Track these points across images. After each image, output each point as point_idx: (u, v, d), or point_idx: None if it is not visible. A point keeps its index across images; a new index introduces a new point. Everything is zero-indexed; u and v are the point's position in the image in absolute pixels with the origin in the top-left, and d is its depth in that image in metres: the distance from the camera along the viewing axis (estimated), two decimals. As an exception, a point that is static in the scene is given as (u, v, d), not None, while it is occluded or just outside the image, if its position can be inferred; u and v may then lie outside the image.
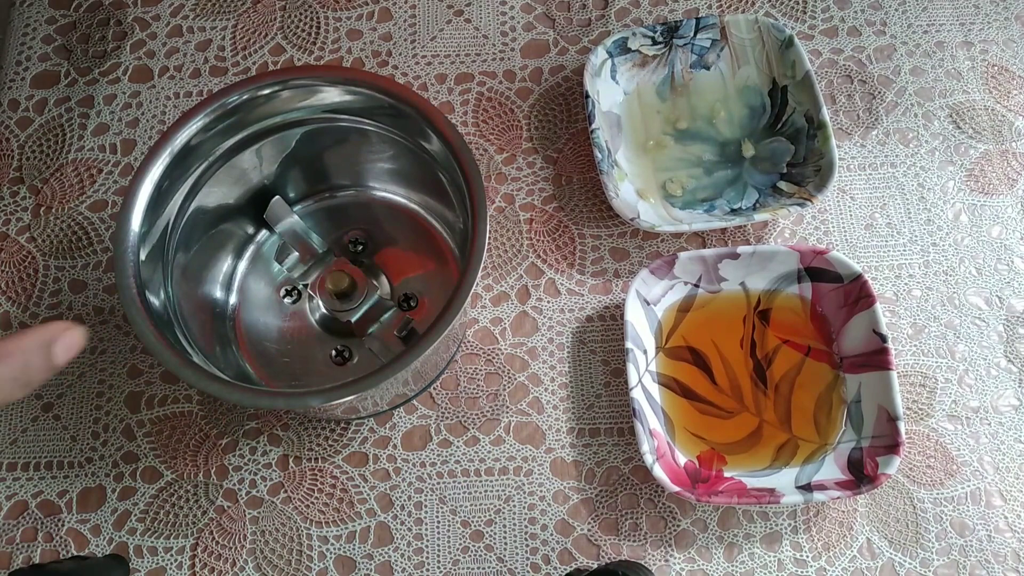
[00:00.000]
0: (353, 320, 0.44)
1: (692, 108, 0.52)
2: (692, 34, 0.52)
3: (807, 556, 0.44)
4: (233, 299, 0.48)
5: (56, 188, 0.53)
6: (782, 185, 0.49)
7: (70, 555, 0.45)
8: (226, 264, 0.48)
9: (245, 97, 0.41)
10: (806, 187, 0.48)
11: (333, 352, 0.47)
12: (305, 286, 0.47)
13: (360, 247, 0.49)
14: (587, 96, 0.50)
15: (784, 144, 0.51)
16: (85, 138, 0.54)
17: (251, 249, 0.49)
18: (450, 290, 0.37)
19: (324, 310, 0.46)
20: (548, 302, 0.49)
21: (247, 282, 0.48)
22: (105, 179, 0.53)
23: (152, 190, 0.39)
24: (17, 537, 0.45)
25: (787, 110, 0.51)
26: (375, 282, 0.47)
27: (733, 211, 0.49)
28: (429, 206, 0.49)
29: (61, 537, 0.45)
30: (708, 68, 0.53)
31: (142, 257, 0.38)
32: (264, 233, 0.49)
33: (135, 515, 0.45)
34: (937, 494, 0.45)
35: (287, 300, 0.48)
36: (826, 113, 0.49)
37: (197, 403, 0.47)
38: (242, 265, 0.48)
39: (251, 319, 0.47)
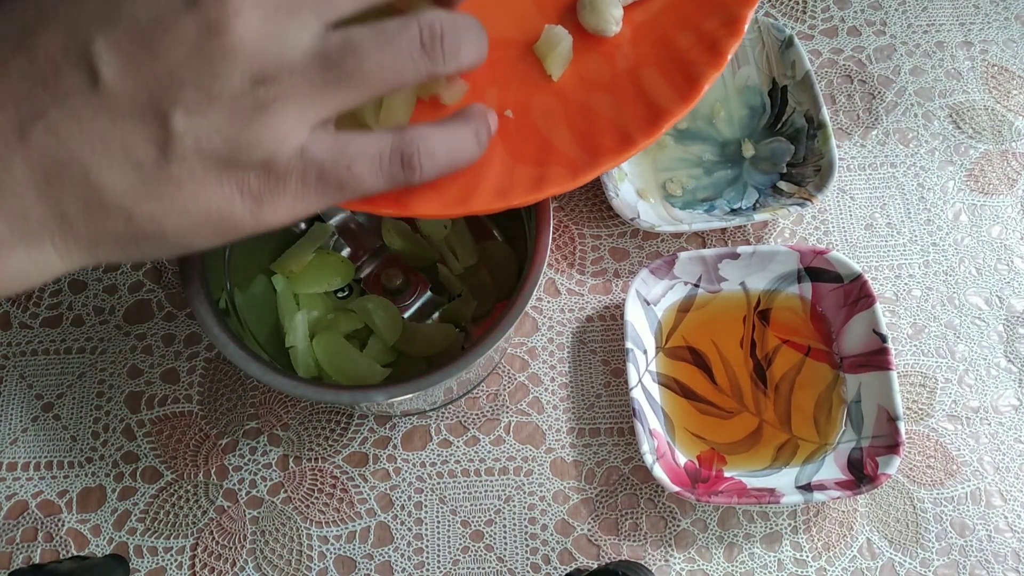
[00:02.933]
0: (405, 317, 0.45)
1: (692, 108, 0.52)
2: (692, 34, 0.52)
3: (807, 556, 0.44)
4: None
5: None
6: (782, 185, 0.49)
7: (70, 555, 0.45)
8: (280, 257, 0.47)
9: None
10: (806, 187, 0.48)
11: None
12: (358, 282, 0.47)
13: None
14: (587, 96, 0.50)
15: (784, 144, 0.51)
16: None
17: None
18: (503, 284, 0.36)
19: None
20: (548, 302, 0.49)
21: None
22: (105, 179, 0.53)
23: None
24: (17, 537, 0.45)
25: (787, 110, 0.51)
26: (427, 279, 0.46)
27: (733, 211, 0.49)
28: None
29: (61, 537, 0.45)
30: (708, 68, 0.53)
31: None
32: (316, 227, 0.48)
33: (135, 515, 0.45)
34: (937, 494, 0.45)
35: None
36: (826, 113, 0.49)
37: (197, 403, 0.47)
38: None
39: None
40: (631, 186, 0.50)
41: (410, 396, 0.35)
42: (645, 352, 0.46)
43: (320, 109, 0.25)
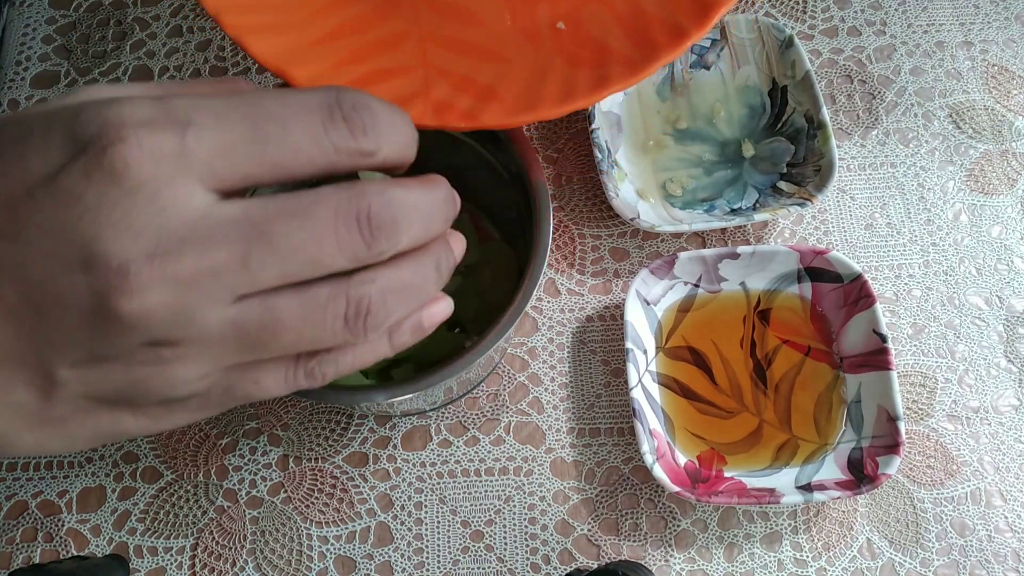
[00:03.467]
0: None
1: (692, 108, 0.53)
2: (692, 34, 0.52)
3: (807, 556, 0.44)
4: None
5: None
6: (782, 185, 0.49)
7: (70, 555, 0.45)
8: None
9: None
10: (806, 187, 0.48)
11: None
12: None
13: None
14: (587, 96, 0.50)
15: (784, 144, 0.51)
16: (85, 138, 0.54)
17: None
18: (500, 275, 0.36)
19: None
20: (548, 302, 0.49)
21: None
22: (105, 179, 0.53)
23: None
24: (17, 537, 0.45)
25: (787, 110, 0.51)
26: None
27: (733, 211, 0.49)
28: (473, 199, 0.49)
29: (61, 537, 0.45)
30: (708, 68, 0.53)
31: None
32: None
33: (135, 515, 0.45)
34: (937, 494, 0.45)
35: None
36: (826, 113, 0.49)
37: (197, 403, 0.47)
38: None
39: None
40: (631, 186, 0.50)
41: (410, 396, 0.35)
42: (645, 352, 0.46)
43: (227, 360, 0.24)
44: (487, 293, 0.46)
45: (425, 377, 0.35)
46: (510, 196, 0.41)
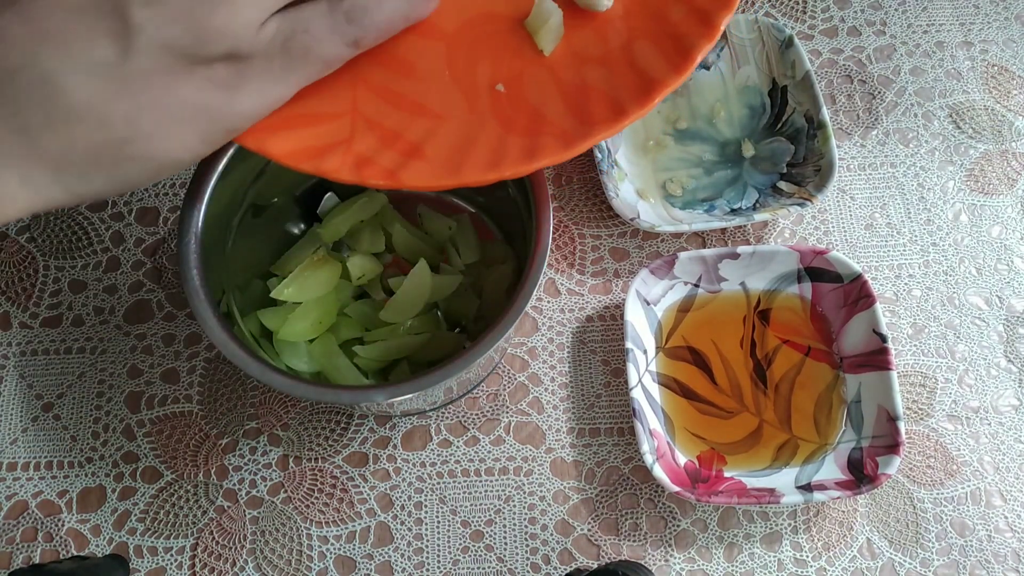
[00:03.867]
0: None
1: (692, 108, 0.53)
2: (692, 34, 0.52)
3: (807, 556, 0.44)
4: None
5: (56, 188, 0.53)
6: (782, 185, 0.49)
7: (70, 555, 0.45)
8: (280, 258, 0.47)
9: None
10: (806, 187, 0.48)
11: None
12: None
13: None
14: (587, 96, 0.50)
15: (784, 144, 0.51)
16: (85, 138, 0.54)
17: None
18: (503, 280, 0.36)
19: None
20: (548, 302, 0.49)
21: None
22: (105, 179, 0.53)
23: (215, 181, 0.38)
24: (17, 537, 0.45)
25: (787, 110, 0.51)
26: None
27: (733, 211, 0.49)
28: (459, 191, 0.49)
29: (61, 537, 0.45)
30: (708, 68, 0.53)
31: (199, 251, 0.37)
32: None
33: (135, 515, 0.45)
34: (937, 494, 0.45)
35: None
36: (826, 113, 0.49)
37: (197, 403, 0.47)
38: None
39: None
40: (631, 186, 0.50)
41: (410, 396, 0.35)
42: (645, 352, 0.46)
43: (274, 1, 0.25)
44: (487, 293, 0.46)
45: (424, 376, 0.35)
46: (510, 196, 0.41)
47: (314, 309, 0.44)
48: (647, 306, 0.47)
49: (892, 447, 0.41)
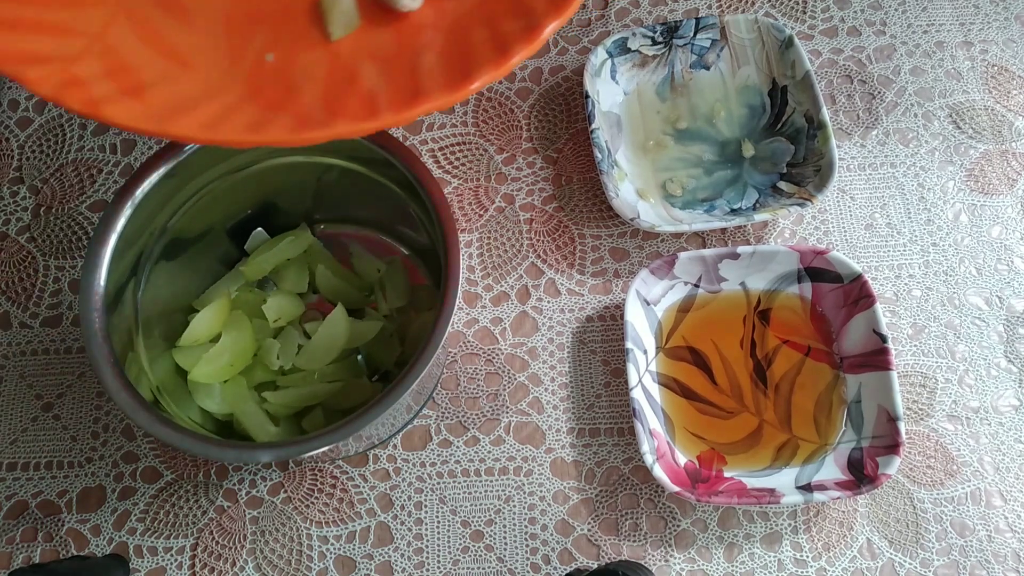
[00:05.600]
0: None
1: (692, 108, 0.53)
2: (692, 34, 0.52)
3: (807, 556, 0.44)
4: None
5: (56, 188, 0.53)
6: (782, 185, 0.49)
7: (70, 555, 0.45)
8: (203, 294, 0.46)
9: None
10: (806, 187, 0.48)
11: None
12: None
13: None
14: (587, 96, 0.50)
15: (784, 144, 0.51)
16: (85, 138, 0.54)
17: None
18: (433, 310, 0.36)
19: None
20: (548, 302, 0.49)
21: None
22: (105, 179, 0.53)
23: (128, 216, 0.38)
24: (17, 537, 0.45)
25: (787, 110, 0.51)
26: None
27: (733, 211, 0.49)
28: (395, 233, 0.49)
29: (61, 537, 0.45)
30: (708, 68, 0.53)
31: (109, 287, 0.38)
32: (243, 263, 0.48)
33: (135, 515, 0.45)
34: (937, 494, 0.45)
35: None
36: (826, 113, 0.49)
37: (197, 403, 0.47)
38: None
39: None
40: (631, 186, 0.50)
41: (306, 455, 0.35)
42: (645, 352, 0.46)
43: None
44: (410, 339, 0.45)
45: (305, 442, 0.34)
46: (431, 240, 0.40)
47: (228, 350, 0.43)
48: (647, 306, 0.47)
49: (892, 447, 0.41)
